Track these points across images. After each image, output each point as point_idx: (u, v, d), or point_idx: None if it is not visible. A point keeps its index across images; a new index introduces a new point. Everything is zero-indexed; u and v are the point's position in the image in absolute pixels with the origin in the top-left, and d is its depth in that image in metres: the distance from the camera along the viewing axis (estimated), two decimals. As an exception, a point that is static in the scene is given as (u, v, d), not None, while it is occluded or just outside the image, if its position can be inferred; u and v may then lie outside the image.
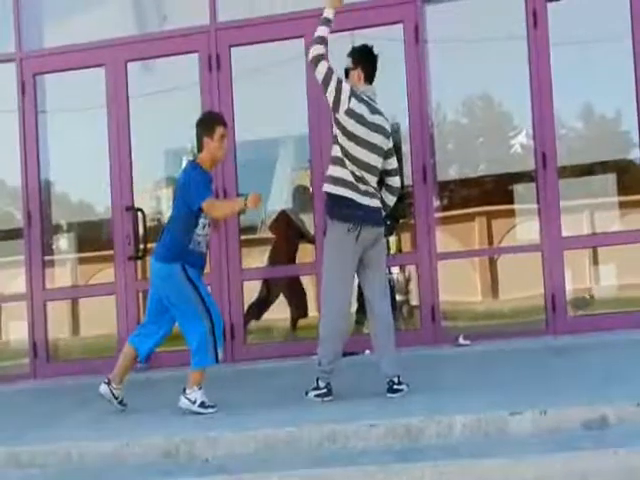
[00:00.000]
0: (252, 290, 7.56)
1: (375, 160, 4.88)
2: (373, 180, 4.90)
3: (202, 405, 4.95)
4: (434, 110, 7.37)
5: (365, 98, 4.89)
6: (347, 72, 5.03)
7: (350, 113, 4.79)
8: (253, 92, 7.45)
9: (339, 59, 5.13)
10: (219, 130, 5.13)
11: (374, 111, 4.90)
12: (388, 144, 4.97)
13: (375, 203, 4.91)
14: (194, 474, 3.98)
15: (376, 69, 5.03)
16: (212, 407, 4.97)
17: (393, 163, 5.03)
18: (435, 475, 3.68)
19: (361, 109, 4.83)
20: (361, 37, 7.22)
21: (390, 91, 7.06)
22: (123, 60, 7.42)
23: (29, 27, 7.71)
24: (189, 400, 4.96)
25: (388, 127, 4.98)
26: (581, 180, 7.95)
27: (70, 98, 7.62)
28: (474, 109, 8.62)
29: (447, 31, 7.07)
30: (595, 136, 8.37)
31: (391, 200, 5.09)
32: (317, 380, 4.92)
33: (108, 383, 5.19)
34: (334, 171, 4.86)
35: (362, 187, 4.82)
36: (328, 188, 4.88)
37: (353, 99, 4.81)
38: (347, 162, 4.81)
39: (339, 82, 4.84)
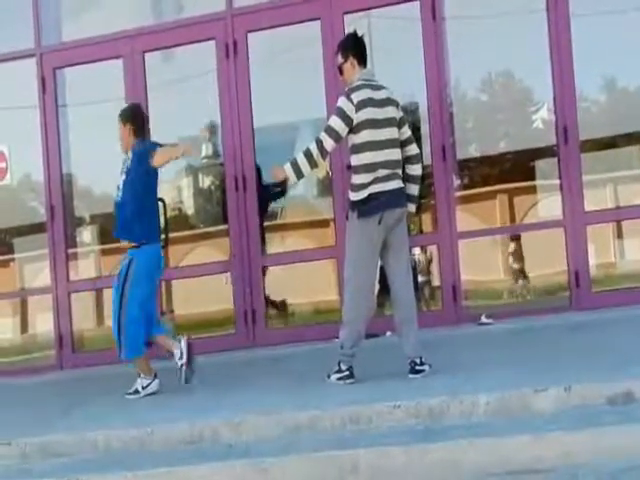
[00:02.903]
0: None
1: (394, 132, 4.89)
2: (395, 153, 4.88)
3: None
4: (453, 88, 7.30)
5: (365, 82, 4.89)
6: (340, 69, 5.04)
7: (360, 106, 4.77)
8: (270, 77, 7.43)
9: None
10: None
11: (377, 88, 4.90)
12: (399, 113, 4.97)
13: (397, 184, 4.88)
14: (218, 459, 3.99)
15: (366, 50, 5.03)
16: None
17: (406, 132, 5.02)
18: (459, 455, 3.65)
19: (366, 93, 4.82)
20: (378, 15, 7.18)
21: (408, 70, 7.02)
22: (140, 51, 7.44)
23: (47, 22, 7.76)
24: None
25: (394, 98, 4.97)
26: (603, 154, 7.80)
27: (90, 91, 7.65)
28: (493, 85, 8.48)
29: (465, 7, 6.98)
30: (617, 109, 8.20)
31: (414, 170, 5.04)
32: (339, 363, 4.92)
33: None
34: (356, 179, 4.86)
35: (385, 172, 4.80)
36: (352, 196, 4.88)
37: (360, 105, 4.78)
38: (372, 151, 4.79)
39: (345, 118, 4.79)
